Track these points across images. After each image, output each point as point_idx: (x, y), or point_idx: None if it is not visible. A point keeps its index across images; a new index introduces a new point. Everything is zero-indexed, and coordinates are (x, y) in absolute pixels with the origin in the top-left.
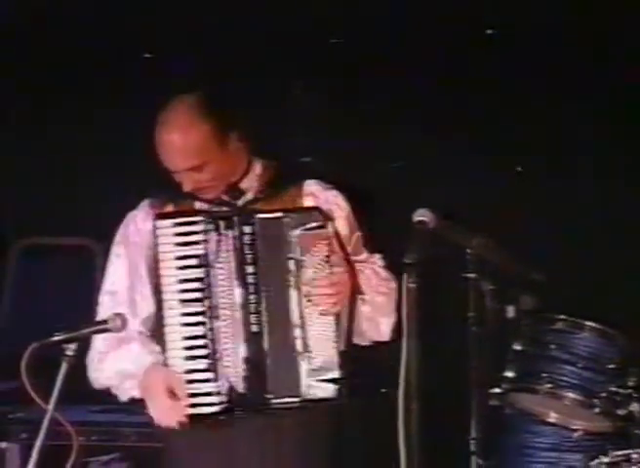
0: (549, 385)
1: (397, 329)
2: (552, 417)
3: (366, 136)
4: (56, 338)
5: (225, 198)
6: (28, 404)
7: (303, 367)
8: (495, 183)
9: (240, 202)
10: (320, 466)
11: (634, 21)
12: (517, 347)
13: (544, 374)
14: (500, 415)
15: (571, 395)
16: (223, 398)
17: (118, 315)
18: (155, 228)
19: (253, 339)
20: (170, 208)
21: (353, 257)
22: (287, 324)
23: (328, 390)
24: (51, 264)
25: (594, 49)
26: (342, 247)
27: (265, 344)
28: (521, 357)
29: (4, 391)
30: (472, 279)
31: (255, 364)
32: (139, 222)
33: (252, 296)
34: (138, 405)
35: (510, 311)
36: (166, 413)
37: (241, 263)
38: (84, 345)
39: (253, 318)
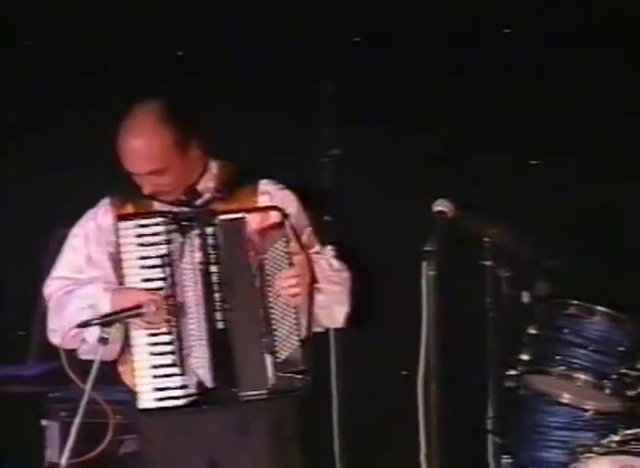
0: (562, 367)
1: (351, 316)
2: (565, 398)
3: (386, 129)
4: (93, 322)
5: (184, 199)
6: (67, 384)
7: (269, 360)
8: (510, 176)
9: (199, 202)
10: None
11: None
12: (532, 331)
13: (558, 357)
14: (515, 396)
15: (583, 377)
16: (191, 391)
17: (153, 301)
18: (117, 229)
19: (219, 335)
20: (129, 207)
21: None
22: (252, 319)
23: (294, 382)
24: None
25: (605, 47)
26: (299, 240)
27: (232, 340)
28: (536, 340)
29: (44, 372)
30: (489, 266)
31: (221, 359)
32: (98, 219)
33: (217, 295)
34: None
35: (525, 297)
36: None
37: (205, 263)
38: (120, 327)
39: (218, 315)
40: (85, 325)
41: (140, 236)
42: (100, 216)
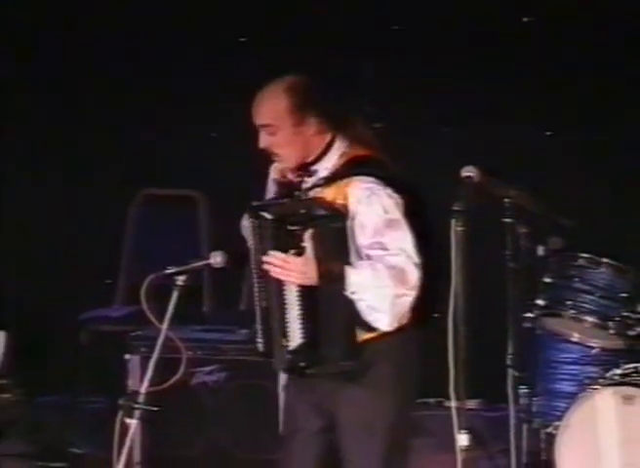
0: (573, 311)
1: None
2: (575, 337)
3: (422, 106)
4: (168, 271)
5: (298, 178)
6: (147, 324)
7: (284, 346)
8: (528, 145)
9: (309, 183)
10: None
11: None
12: (546, 280)
13: (569, 302)
14: (532, 335)
15: (590, 319)
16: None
17: (219, 252)
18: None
19: (264, 312)
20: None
21: (367, 251)
22: (276, 306)
23: (299, 370)
24: (163, 211)
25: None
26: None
27: (270, 318)
28: (549, 288)
29: (128, 313)
30: (509, 223)
31: (266, 332)
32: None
33: (260, 279)
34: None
35: (541, 250)
36: None
37: (253, 249)
38: (191, 277)
39: (263, 295)
40: (162, 275)
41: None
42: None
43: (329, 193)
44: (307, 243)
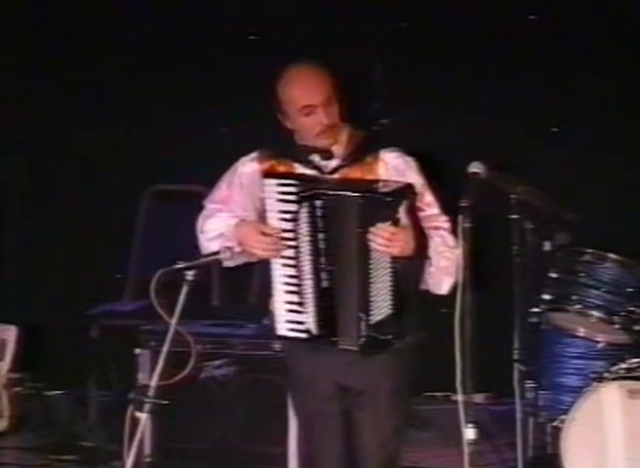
0: (579, 306)
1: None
2: (581, 332)
3: (427, 102)
4: (178, 266)
5: (318, 161)
6: (156, 318)
7: (363, 321)
8: (534, 141)
9: (329, 167)
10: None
11: None
12: (552, 275)
13: (575, 297)
14: (538, 330)
15: (596, 313)
16: (308, 329)
17: (228, 248)
18: (263, 185)
19: (323, 293)
20: (273, 163)
21: (422, 224)
22: (352, 283)
23: (381, 343)
24: (172, 207)
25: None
26: (413, 217)
27: (334, 298)
28: (555, 283)
29: (138, 308)
30: (516, 219)
31: (324, 313)
32: (240, 167)
33: (322, 258)
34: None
35: (547, 245)
36: (259, 246)
37: (313, 231)
38: (201, 272)
39: (323, 275)
40: (172, 270)
41: (279, 193)
42: (241, 165)
43: (355, 172)
44: (402, 214)
